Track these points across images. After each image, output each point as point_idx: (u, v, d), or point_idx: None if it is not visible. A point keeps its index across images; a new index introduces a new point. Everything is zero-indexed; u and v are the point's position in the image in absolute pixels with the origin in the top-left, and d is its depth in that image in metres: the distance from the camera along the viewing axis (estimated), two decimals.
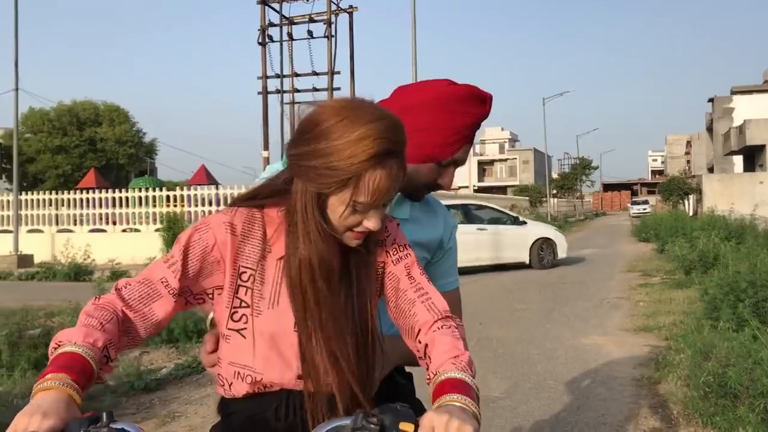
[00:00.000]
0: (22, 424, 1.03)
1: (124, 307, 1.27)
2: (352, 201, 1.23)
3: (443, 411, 1.08)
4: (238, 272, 1.33)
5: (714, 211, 21.27)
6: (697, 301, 8.47)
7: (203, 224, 1.34)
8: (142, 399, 5.44)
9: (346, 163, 1.20)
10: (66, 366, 1.12)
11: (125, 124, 52.88)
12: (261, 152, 18.01)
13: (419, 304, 1.32)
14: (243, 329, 1.33)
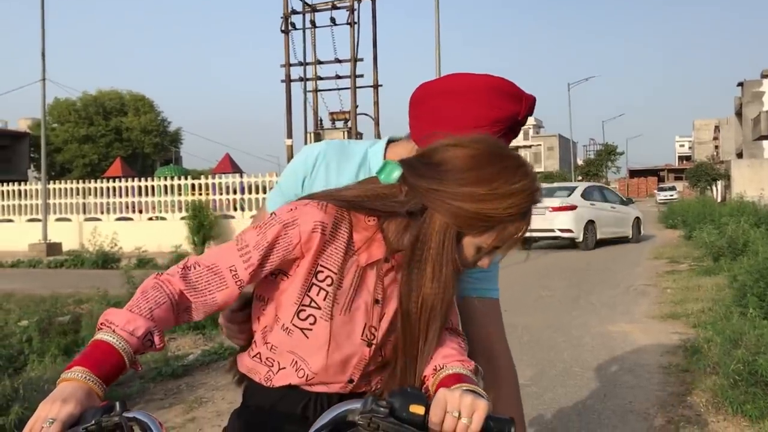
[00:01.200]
0: (44, 412, 1.04)
1: (186, 289, 1.23)
2: (490, 246, 1.24)
3: (455, 389, 1.07)
4: (315, 270, 1.28)
5: (743, 197, 20.95)
6: (725, 288, 8.36)
7: (292, 220, 1.27)
8: (170, 385, 5.51)
9: (504, 213, 1.19)
10: (94, 359, 1.12)
11: (150, 113, 53.36)
12: (285, 140, 18.03)
13: None
14: (308, 330, 1.29)
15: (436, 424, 1.03)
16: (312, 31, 18.93)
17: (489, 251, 1.25)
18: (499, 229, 1.21)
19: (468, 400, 1.03)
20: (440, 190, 1.20)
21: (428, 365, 1.24)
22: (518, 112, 1.49)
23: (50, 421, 1.03)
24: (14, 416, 3.83)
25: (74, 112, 49.91)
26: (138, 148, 51.81)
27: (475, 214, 1.19)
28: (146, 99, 53.97)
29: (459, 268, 1.25)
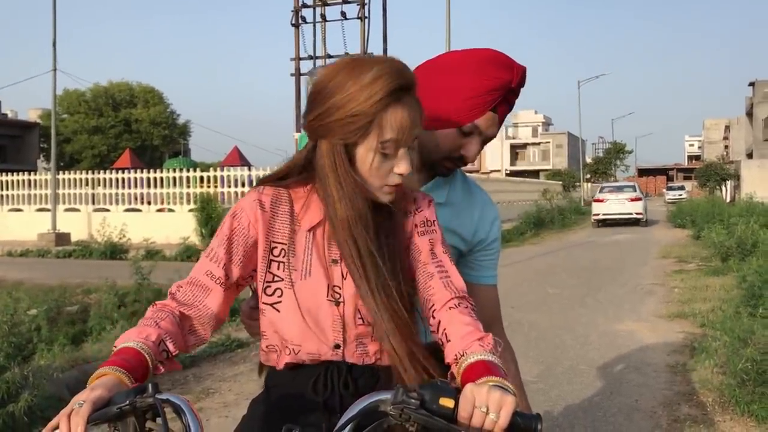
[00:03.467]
0: (74, 400, 1.08)
1: (180, 307, 1.32)
2: (379, 143, 1.26)
3: (482, 384, 1.07)
4: (269, 247, 1.35)
5: (752, 197, 20.86)
6: (734, 288, 8.33)
7: (237, 209, 1.37)
8: (177, 375, 5.53)
9: (366, 105, 1.23)
10: (119, 357, 1.17)
11: (160, 105, 53.48)
12: (293, 134, 18.04)
13: (437, 279, 1.32)
14: (277, 303, 1.34)
15: (465, 418, 1.03)
16: (322, 24, 18.92)
17: (393, 149, 1.27)
18: (377, 123, 1.25)
19: (496, 396, 1.03)
20: (316, 115, 1.29)
21: (448, 348, 1.23)
22: (511, 80, 1.55)
23: (80, 403, 1.06)
24: (24, 403, 3.86)
25: (84, 103, 50.07)
26: (147, 140, 51.94)
27: (344, 119, 1.25)
28: (156, 91, 54.09)
29: (367, 185, 1.29)
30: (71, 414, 1.05)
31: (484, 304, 1.63)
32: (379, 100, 1.23)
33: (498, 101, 1.57)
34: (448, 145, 1.60)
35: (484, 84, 1.54)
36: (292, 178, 1.37)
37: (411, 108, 1.28)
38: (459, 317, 1.25)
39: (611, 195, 25.23)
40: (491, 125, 1.60)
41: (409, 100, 1.28)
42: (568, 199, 38.28)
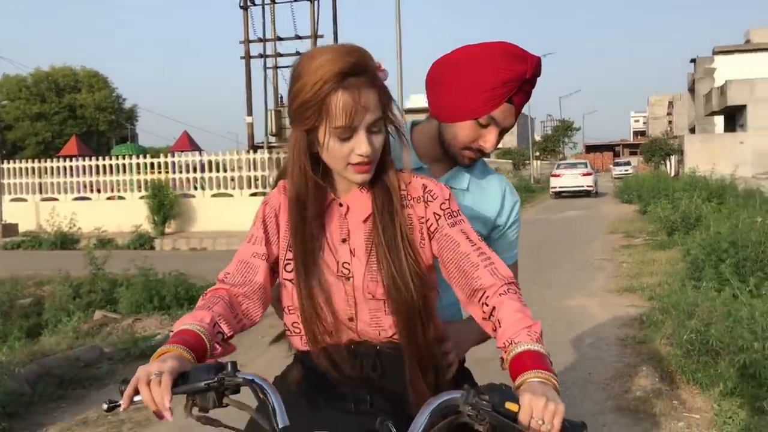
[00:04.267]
0: (144, 371, 1.13)
1: (231, 289, 1.42)
2: (330, 128, 1.33)
3: (539, 393, 1.14)
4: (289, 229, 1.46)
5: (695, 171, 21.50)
6: (679, 261, 8.66)
7: (268, 197, 1.53)
8: (140, 365, 5.49)
9: (311, 93, 1.32)
10: (178, 337, 1.24)
11: (105, 89, 52.25)
12: (245, 118, 17.90)
13: (483, 268, 1.38)
14: (294, 279, 1.44)
15: (525, 421, 1.12)
16: (271, 6, 18.71)
17: (346, 134, 1.34)
18: (325, 110, 1.32)
19: (551, 408, 1.11)
20: (287, 105, 1.42)
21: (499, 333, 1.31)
22: (525, 71, 1.60)
23: (156, 373, 1.12)
24: None
25: (25, 88, 48.54)
26: (93, 126, 50.74)
27: (299, 107, 1.35)
28: (100, 75, 52.76)
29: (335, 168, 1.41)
30: (150, 383, 1.11)
31: None
32: (321, 88, 1.31)
33: (513, 92, 1.62)
34: (467, 137, 1.67)
35: (498, 77, 1.59)
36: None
37: (358, 90, 1.32)
38: (509, 303, 1.33)
39: (566, 171, 30.16)
40: (507, 116, 1.66)
41: (357, 82, 1.32)
42: (518, 178, 38.82)
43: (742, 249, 6.78)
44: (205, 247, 14.78)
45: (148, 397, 1.11)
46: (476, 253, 1.41)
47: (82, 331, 6.76)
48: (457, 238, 1.43)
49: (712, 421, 3.91)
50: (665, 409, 4.09)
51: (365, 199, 1.45)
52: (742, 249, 6.78)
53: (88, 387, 4.97)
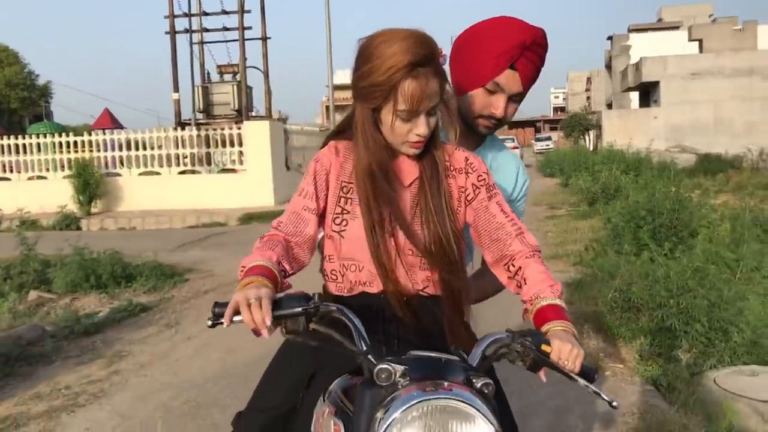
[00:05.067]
0: (241, 297, 1.29)
1: (285, 236, 1.60)
2: (396, 109, 1.50)
3: (565, 340, 1.38)
4: (340, 185, 1.64)
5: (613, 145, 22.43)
6: (601, 229, 9.17)
7: (320, 155, 1.68)
8: (84, 342, 5.54)
9: (384, 77, 1.47)
10: (255, 271, 1.41)
11: (15, 65, 49.84)
12: (171, 95, 17.57)
13: (515, 237, 1.61)
14: (343, 230, 1.62)
15: (555, 360, 1.35)
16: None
17: (409, 115, 1.50)
18: (395, 91, 1.48)
19: (575, 351, 1.36)
20: (353, 80, 1.56)
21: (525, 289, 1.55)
22: (524, 39, 1.77)
23: (256, 298, 1.28)
24: None
25: None
26: (3, 104, 48.40)
27: (369, 86, 1.50)
28: (10, 50, 50.27)
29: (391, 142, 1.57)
30: (251, 306, 1.27)
31: None
32: (394, 75, 1.46)
33: (515, 59, 1.78)
34: (478, 105, 1.84)
35: (500, 45, 1.77)
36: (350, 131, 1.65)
37: (426, 80, 1.48)
38: (535, 266, 1.57)
39: None
40: (512, 82, 1.81)
41: (425, 72, 1.48)
42: None
43: (658, 216, 7.29)
44: (134, 226, 14.54)
45: (249, 317, 1.27)
46: (510, 224, 1.63)
47: (19, 312, 6.68)
48: (493, 210, 1.64)
49: (634, 369, 4.30)
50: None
51: (411, 165, 1.62)
52: (658, 216, 7.29)
53: (34, 364, 4.98)
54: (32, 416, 3.96)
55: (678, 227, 7.20)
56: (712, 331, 4.52)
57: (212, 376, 4.50)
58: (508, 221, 1.64)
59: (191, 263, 9.05)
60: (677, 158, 18.06)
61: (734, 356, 4.39)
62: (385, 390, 1.25)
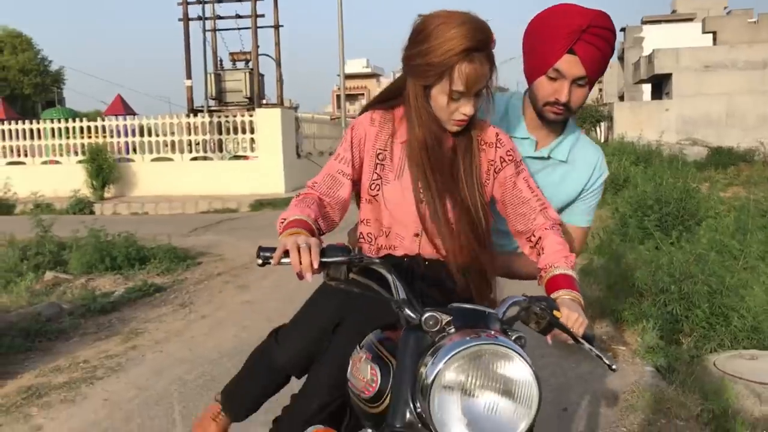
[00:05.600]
0: (291, 242, 1.42)
1: (320, 195, 1.70)
2: (450, 90, 1.61)
3: (573, 308, 1.52)
4: (376, 153, 1.78)
5: (624, 137, 22.40)
6: (608, 219, 9.25)
7: (356, 123, 1.81)
8: (101, 320, 5.70)
9: (441, 59, 1.58)
10: (297, 224, 1.55)
11: (29, 51, 50.11)
12: (184, 81, 17.72)
13: (538, 212, 1.74)
14: (377, 195, 1.75)
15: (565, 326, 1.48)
16: None
17: (459, 95, 1.62)
18: (449, 73, 1.59)
19: (580, 320, 1.50)
20: (407, 55, 1.66)
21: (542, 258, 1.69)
22: (580, 23, 1.79)
23: (307, 243, 1.41)
24: None
25: None
26: (17, 89, 48.71)
27: (425, 65, 1.61)
28: (24, 36, 50.54)
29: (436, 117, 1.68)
30: (300, 250, 1.39)
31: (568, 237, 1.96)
32: (451, 57, 1.56)
33: (573, 43, 1.79)
34: (543, 92, 1.87)
35: (557, 31, 1.81)
36: (393, 101, 1.79)
37: (480, 64, 1.59)
38: (553, 237, 1.70)
39: None
40: (573, 66, 1.81)
41: (479, 57, 1.59)
42: None
43: (665, 206, 7.38)
44: (146, 211, 14.72)
45: (297, 260, 1.40)
46: (535, 198, 1.76)
47: (36, 291, 6.85)
48: (520, 185, 1.76)
49: (636, 351, 4.41)
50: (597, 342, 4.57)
51: (444, 138, 1.73)
52: (665, 206, 7.38)
53: (53, 339, 5.14)
54: (53, 387, 4.12)
55: (684, 217, 7.28)
56: (713, 317, 4.62)
57: (227, 351, 4.64)
58: (533, 196, 1.76)
59: (204, 247, 9.20)
60: (687, 151, 18.06)
61: (735, 341, 4.49)
62: (431, 336, 1.38)
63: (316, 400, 1.83)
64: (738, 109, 25.69)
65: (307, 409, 1.84)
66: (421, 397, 1.31)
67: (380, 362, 1.52)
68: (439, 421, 1.28)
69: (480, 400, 1.30)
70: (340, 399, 1.80)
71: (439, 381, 1.28)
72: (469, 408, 1.29)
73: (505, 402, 1.30)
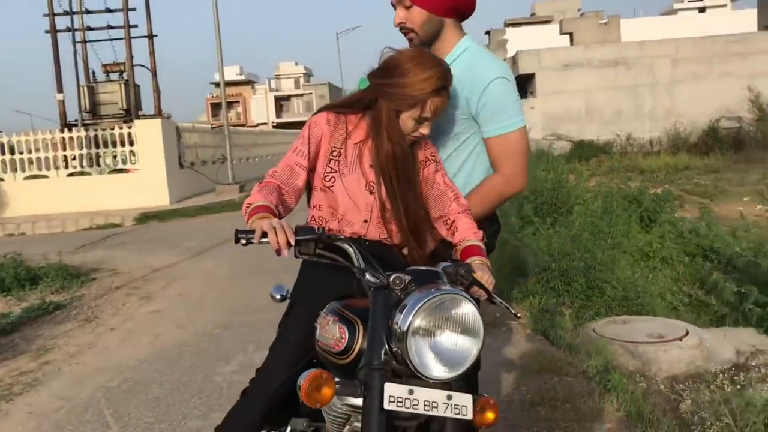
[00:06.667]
0: (266, 224, 1.71)
1: (279, 184, 1.98)
2: (419, 117, 2.00)
3: (484, 270, 1.92)
4: (330, 150, 2.12)
5: None
6: None
7: (312, 122, 2.13)
8: (2, 341, 5.58)
9: (418, 93, 1.98)
10: (262, 209, 1.82)
11: None
12: (56, 95, 17.01)
13: (452, 201, 2.14)
14: (331, 186, 2.08)
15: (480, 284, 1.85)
16: None
17: (422, 121, 2.02)
18: (421, 104, 1.99)
19: (490, 280, 1.93)
20: (383, 83, 2.02)
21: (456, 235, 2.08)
22: None
23: (278, 225, 1.70)
24: None
25: None
26: None
27: (402, 95, 1.99)
28: None
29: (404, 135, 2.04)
30: (276, 229, 1.68)
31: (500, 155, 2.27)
32: (427, 93, 1.97)
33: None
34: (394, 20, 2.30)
35: None
36: (350, 109, 2.12)
37: (445, 98, 2.03)
38: (464, 219, 2.10)
39: None
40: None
41: (445, 93, 2.02)
42: None
43: (539, 195, 8.09)
44: (23, 232, 14.07)
45: (275, 239, 1.69)
46: (449, 190, 2.16)
47: None
48: (438, 180, 2.16)
49: (526, 324, 4.93)
50: (492, 320, 5.04)
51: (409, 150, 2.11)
52: (539, 195, 8.09)
53: None
54: None
55: (557, 205, 8.02)
56: (590, 289, 5.24)
57: (145, 358, 4.76)
58: (448, 189, 2.17)
59: (95, 263, 9.04)
60: (554, 145, 19.35)
61: (609, 309, 5.13)
62: (397, 293, 1.70)
63: (280, 375, 2.11)
64: (595, 104, 27.62)
65: (272, 384, 2.12)
66: (398, 342, 1.64)
67: (346, 322, 1.83)
68: (416, 361, 1.62)
69: (443, 338, 1.66)
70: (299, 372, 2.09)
71: (412, 328, 1.62)
72: (436, 345, 1.65)
73: (462, 336, 1.67)
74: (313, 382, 1.63)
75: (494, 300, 1.92)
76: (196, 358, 4.71)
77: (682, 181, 16.19)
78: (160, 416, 3.72)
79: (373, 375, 1.66)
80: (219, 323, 5.55)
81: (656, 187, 11.09)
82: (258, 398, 2.14)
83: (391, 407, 1.62)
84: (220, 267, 8.04)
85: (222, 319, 5.69)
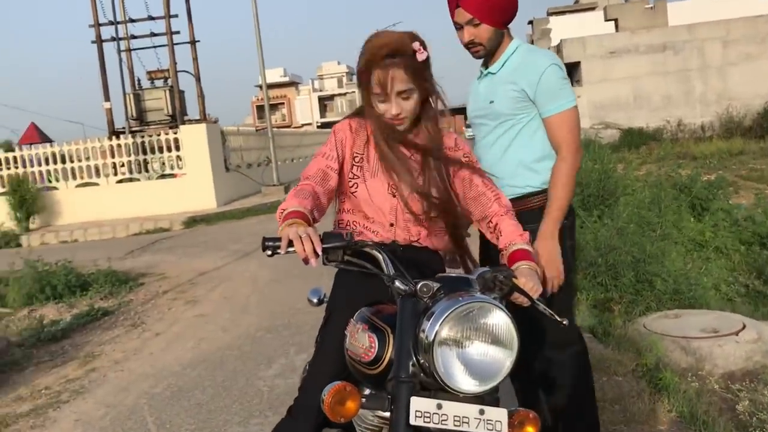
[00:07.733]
0: (293, 232, 1.64)
1: (314, 185, 1.95)
2: (373, 94, 1.96)
3: (529, 276, 1.80)
4: (353, 155, 2.10)
5: None
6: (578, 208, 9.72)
7: (337, 128, 2.14)
8: (53, 348, 5.71)
9: (363, 67, 1.97)
10: (295, 214, 1.77)
11: None
12: (103, 104, 17.37)
13: (494, 201, 2.05)
14: (355, 191, 2.04)
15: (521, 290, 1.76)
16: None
17: (384, 99, 1.96)
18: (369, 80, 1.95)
19: (536, 287, 1.79)
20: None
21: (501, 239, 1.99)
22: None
23: (305, 233, 1.63)
24: None
25: None
26: None
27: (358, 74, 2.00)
28: None
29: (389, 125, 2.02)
30: (302, 239, 1.61)
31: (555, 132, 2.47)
32: (365, 64, 1.95)
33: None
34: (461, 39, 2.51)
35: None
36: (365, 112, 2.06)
37: (393, 69, 1.92)
38: (508, 221, 2.00)
39: None
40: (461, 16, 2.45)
41: (392, 63, 1.92)
42: None
43: (586, 187, 7.86)
44: (76, 239, 14.42)
45: (301, 248, 1.63)
46: (489, 191, 2.07)
47: None
48: (476, 181, 2.08)
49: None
50: None
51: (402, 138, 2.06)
52: (586, 187, 7.86)
53: (7, 372, 5.13)
54: (19, 415, 4.17)
55: (604, 196, 7.77)
56: (639, 283, 5.05)
57: (188, 363, 4.77)
58: (487, 189, 2.08)
59: (143, 268, 9.18)
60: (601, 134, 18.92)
61: (659, 303, 4.93)
62: (425, 301, 1.61)
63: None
64: (643, 91, 26.95)
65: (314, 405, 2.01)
66: (425, 353, 1.55)
67: (376, 331, 1.74)
68: (443, 372, 1.53)
69: (473, 349, 1.56)
70: None
71: (438, 338, 1.53)
72: (465, 357, 1.55)
73: (493, 347, 1.56)
74: (336, 396, 1.56)
75: (537, 307, 1.80)
76: (238, 362, 4.70)
77: (736, 166, 15.63)
78: (201, 423, 3.71)
79: (401, 388, 1.58)
80: (262, 326, 5.55)
81: (709, 174, 10.73)
82: (302, 421, 2.03)
83: (418, 423, 1.53)
84: (265, 269, 8.06)
85: (265, 321, 5.69)
